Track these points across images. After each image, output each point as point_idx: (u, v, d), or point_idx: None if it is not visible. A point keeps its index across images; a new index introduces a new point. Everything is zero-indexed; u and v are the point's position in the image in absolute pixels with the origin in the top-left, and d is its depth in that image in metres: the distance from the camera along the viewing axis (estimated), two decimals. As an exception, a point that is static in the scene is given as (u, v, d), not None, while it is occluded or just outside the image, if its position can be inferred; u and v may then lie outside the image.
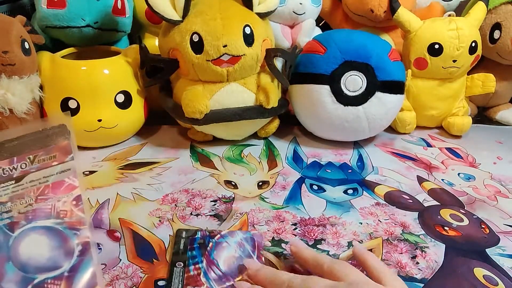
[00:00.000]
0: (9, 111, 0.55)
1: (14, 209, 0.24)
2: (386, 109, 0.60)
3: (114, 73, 0.59)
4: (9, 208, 0.23)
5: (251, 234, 0.44)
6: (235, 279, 0.37)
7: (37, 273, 0.23)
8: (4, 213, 0.23)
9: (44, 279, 0.23)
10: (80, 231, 0.26)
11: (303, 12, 0.68)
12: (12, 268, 0.23)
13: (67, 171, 0.25)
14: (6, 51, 0.52)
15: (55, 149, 0.25)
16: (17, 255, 0.23)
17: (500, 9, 0.68)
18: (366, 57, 0.58)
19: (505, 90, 0.74)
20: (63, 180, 0.25)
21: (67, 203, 0.25)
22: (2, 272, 0.22)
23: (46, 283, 0.23)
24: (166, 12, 0.55)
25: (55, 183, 0.25)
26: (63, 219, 0.25)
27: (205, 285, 0.37)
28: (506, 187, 0.55)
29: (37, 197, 0.24)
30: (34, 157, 0.24)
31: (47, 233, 0.25)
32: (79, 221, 0.26)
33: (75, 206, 0.25)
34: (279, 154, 0.62)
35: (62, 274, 0.23)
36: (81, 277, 0.24)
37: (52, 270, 0.23)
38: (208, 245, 0.41)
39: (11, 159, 0.24)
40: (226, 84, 0.58)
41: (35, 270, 0.23)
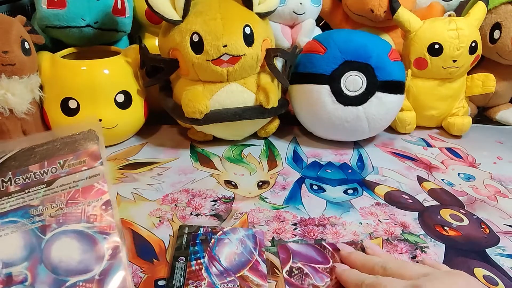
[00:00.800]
0: (9, 111, 0.55)
1: (45, 212, 0.24)
2: (386, 109, 0.60)
3: (114, 73, 0.59)
4: (40, 212, 0.24)
5: (253, 231, 0.44)
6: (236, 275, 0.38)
7: (68, 276, 0.24)
8: (36, 216, 0.24)
9: (75, 282, 0.24)
10: (110, 235, 0.26)
11: (303, 12, 0.68)
12: (45, 270, 0.23)
13: (96, 176, 0.26)
14: (6, 51, 0.52)
15: (84, 154, 0.26)
16: (49, 257, 0.24)
17: (500, 9, 0.68)
18: (366, 57, 0.58)
19: (505, 90, 0.74)
20: (93, 185, 0.26)
21: (96, 207, 0.25)
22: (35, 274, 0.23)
23: (78, 286, 0.24)
24: (166, 12, 0.55)
25: (84, 187, 0.25)
26: (93, 223, 0.26)
27: (206, 280, 0.37)
28: (506, 187, 0.55)
29: (68, 201, 0.25)
30: (64, 161, 0.25)
31: (78, 237, 0.25)
32: (109, 226, 0.26)
33: (104, 211, 0.25)
34: (279, 154, 0.62)
35: (93, 278, 0.24)
36: (111, 280, 0.24)
37: (83, 273, 0.24)
38: (210, 241, 0.42)
39: (42, 163, 0.25)
40: (226, 84, 0.58)
41: (67, 272, 0.24)
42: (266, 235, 0.44)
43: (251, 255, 0.41)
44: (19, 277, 0.23)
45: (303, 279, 0.39)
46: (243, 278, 0.38)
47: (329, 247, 0.43)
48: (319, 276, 0.39)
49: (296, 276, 0.39)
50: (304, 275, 0.39)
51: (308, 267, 0.40)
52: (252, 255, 0.41)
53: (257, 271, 0.39)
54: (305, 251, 0.42)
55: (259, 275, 0.38)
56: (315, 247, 0.43)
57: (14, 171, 0.25)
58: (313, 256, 0.42)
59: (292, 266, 0.40)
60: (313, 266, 0.40)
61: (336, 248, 0.42)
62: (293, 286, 0.38)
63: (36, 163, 0.25)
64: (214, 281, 0.37)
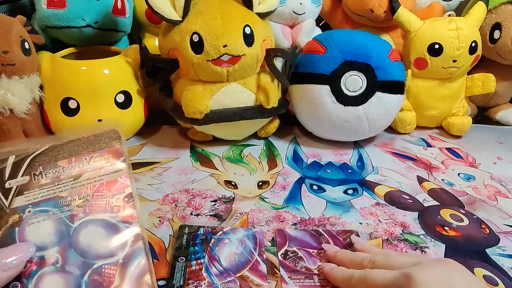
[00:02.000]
0: (9, 111, 0.55)
1: (73, 203, 0.27)
2: (386, 109, 0.60)
3: (114, 73, 0.59)
4: (69, 202, 0.27)
5: (253, 231, 0.44)
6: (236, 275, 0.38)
7: (95, 259, 0.26)
8: (65, 206, 0.27)
9: (101, 265, 0.26)
10: (132, 224, 0.28)
11: (303, 12, 0.68)
12: (74, 254, 0.26)
13: (119, 172, 0.29)
14: (6, 51, 0.52)
15: (108, 152, 0.29)
16: (77, 243, 0.26)
17: (500, 9, 0.68)
18: (366, 57, 0.58)
19: (505, 90, 0.74)
20: (116, 179, 0.28)
21: (119, 199, 0.28)
22: (65, 257, 0.26)
23: (104, 268, 0.26)
24: (166, 12, 0.55)
25: (108, 181, 0.28)
26: (116, 214, 0.28)
27: (206, 280, 0.37)
28: (506, 187, 0.55)
29: (93, 193, 0.28)
30: (90, 158, 0.28)
31: (103, 225, 0.28)
32: (131, 216, 0.29)
33: (126, 203, 0.28)
34: (279, 154, 0.62)
35: (117, 261, 0.26)
36: (133, 264, 0.27)
37: (108, 257, 0.27)
38: (210, 241, 0.42)
39: (70, 159, 0.28)
40: (226, 84, 0.58)
41: (94, 256, 0.26)
42: (266, 235, 0.44)
43: (251, 255, 0.41)
44: (51, 259, 0.26)
45: (296, 261, 0.40)
46: (243, 278, 0.38)
47: (325, 233, 0.44)
48: (312, 259, 0.40)
49: (290, 259, 0.40)
50: (298, 258, 0.40)
51: (303, 251, 0.41)
52: (252, 255, 0.41)
53: (257, 271, 0.39)
54: (301, 236, 0.44)
55: (259, 275, 0.38)
56: (312, 233, 0.44)
57: (45, 166, 0.28)
58: (308, 241, 0.43)
59: (287, 249, 0.42)
60: (307, 250, 0.42)
61: (332, 235, 0.44)
62: (286, 267, 0.39)
63: (65, 159, 0.28)
64: (214, 281, 0.37)
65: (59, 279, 0.25)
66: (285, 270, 0.39)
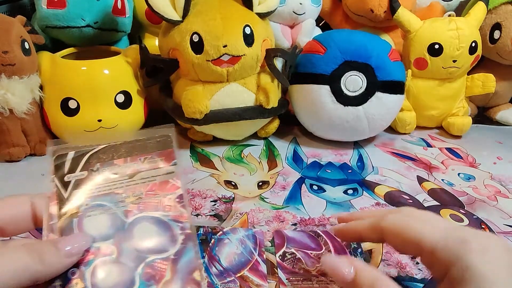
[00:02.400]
0: (9, 111, 0.55)
1: (127, 200, 0.28)
2: (386, 109, 0.60)
3: (114, 73, 0.59)
4: (123, 199, 0.28)
5: (253, 231, 0.44)
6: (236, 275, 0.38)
7: (148, 254, 0.28)
8: (120, 202, 0.28)
9: (154, 259, 0.27)
10: (183, 223, 0.29)
11: (303, 12, 0.68)
12: (128, 247, 0.27)
13: (171, 173, 0.30)
14: (6, 51, 0.52)
15: (161, 155, 0.30)
16: (132, 237, 0.28)
17: (500, 9, 0.68)
18: (366, 57, 0.58)
19: (505, 90, 0.74)
20: (168, 181, 0.30)
21: (171, 199, 0.29)
22: (120, 250, 0.27)
23: (156, 262, 0.27)
24: (166, 12, 0.55)
25: (161, 182, 0.30)
26: (168, 213, 0.30)
27: (206, 280, 0.37)
28: (506, 187, 0.55)
29: (146, 192, 0.29)
30: (145, 159, 0.30)
31: (156, 222, 0.29)
32: (182, 215, 0.30)
33: (178, 203, 0.29)
34: (279, 154, 0.62)
35: (169, 257, 0.28)
36: (183, 261, 0.28)
37: (161, 252, 0.28)
38: (210, 241, 0.42)
39: (126, 159, 0.30)
40: (226, 84, 0.58)
41: (147, 251, 0.28)
42: (266, 235, 0.44)
43: (251, 255, 0.41)
44: (107, 250, 0.27)
45: (295, 263, 0.40)
46: (243, 278, 0.38)
47: (323, 235, 0.44)
48: (311, 261, 0.40)
49: (289, 260, 0.40)
50: (296, 260, 0.40)
51: (301, 253, 0.41)
52: (252, 255, 0.41)
53: (257, 271, 0.39)
54: (300, 237, 0.43)
55: (259, 275, 0.38)
56: (310, 234, 0.44)
57: (102, 163, 0.29)
58: (306, 243, 0.43)
59: (285, 251, 0.41)
60: (306, 251, 0.41)
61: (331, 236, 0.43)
62: (284, 269, 0.39)
63: (121, 158, 0.30)
64: (214, 281, 0.37)
65: (114, 269, 0.27)
66: (283, 271, 0.39)
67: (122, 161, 0.30)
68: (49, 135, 0.61)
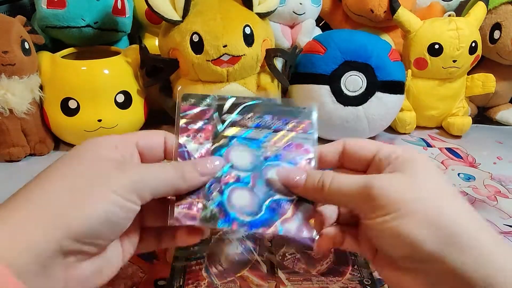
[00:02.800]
0: (9, 111, 0.55)
1: (268, 147, 0.34)
2: (386, 109, 0.60)
3: (114, 73, 0.59)
4: (265, 146, 0.34)
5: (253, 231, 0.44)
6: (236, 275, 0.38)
7: (276, 193, 0.32)
8: (262, 147, 0.34)
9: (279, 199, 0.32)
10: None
11: (303, 12, 0.68)
12: (261, 183, 0.33)
13: (307, 140, 0.35)
14: (6, 51, 0.52)
15: (303, 123, 0.36)
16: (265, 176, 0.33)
17: (500, 9, 0.68)
18: (366, 57, 0.58)
19: (505, 90, 0.74)
20: (302, 144, 0.35)
21: (302, 160, 0.34)
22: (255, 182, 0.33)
23: (281, 202, 0.32)
24: (166, 12, 0.55)
25: (297, 144, 0.35)
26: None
27: (206, 279, 0.37)
28: (506, 187, 0.55)
29: (284, 147, 0.35)
30: (289, 122, 0.35)
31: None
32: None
33: (308, 164, 0.34)
34: (279, 154, 0.62)
35: (292, 200, 0.32)
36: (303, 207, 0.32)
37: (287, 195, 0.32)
38: (210, 241, 0.42)
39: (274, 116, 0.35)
40: (226, 84, 0.58)
41: (276, 190, 0.32)
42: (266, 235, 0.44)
43: (251, 255, 0.41)
44: (245, 180, 0.33)
45: (295, 263, 0.40)
46: (243, 278, 0.38)
47: None
48: (311, 261, 0.40)
49: (289, 261, 0.40)
50: (296, 260, 0.40)
51: (301, 253, 0.41)
52: (252, 255, 0.41)
53: (257, 271, 0.39)
54: None
55: (259, 275, 0.38)
56: None
57: (255, 114, 0.35)
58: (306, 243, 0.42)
59: (285, 251, 0.41)
60: (306, 251, 0.41)
61: None
62: (284, 269, 0.39)
63: (270, 115, 0.35)
64: (214, 281, 0.37)
65: (248, 195, 0.32)
66: (283, 272, 0.39)
67: (271, 118, 0.36)
68: (49, 135, 0.61)
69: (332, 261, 0.40)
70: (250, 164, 0.34)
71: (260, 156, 0.34)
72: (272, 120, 0.36)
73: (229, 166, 0.33)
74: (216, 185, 0.32)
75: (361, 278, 0.38)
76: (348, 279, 0.38)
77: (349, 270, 0.39)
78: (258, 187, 0.33)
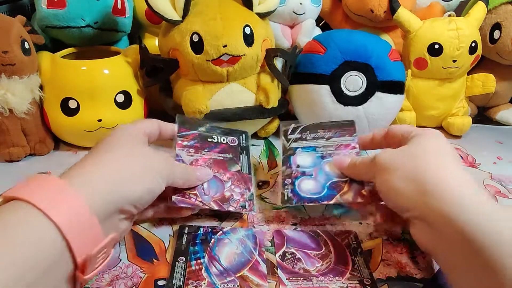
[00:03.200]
0: (9, 111, 0.55)
1: (324, 150, 0.49)
2: (386, 109, 0.60)
3: (114, 73, 0.59)
4: (321, 149, 0.49)
5: (253, 231, 0.44)
6: (236, 275, 0.38)
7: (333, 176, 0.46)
8: (319, 151, 0.48)
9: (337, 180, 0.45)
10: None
11: (303, 12, 0.68)
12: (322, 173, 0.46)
13: (353, 141, 0.49)
14: (6, 51, 0.52)
15: (346, 130, 0.50)
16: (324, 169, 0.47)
17: (500, 9, 0.67)
18: (366, 57, 0.58)
19: (505, 90, 0.74)
20: (350, 143, 0.48)
21: (352, 152, 0.47)
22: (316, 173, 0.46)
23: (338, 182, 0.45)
24: (166, 12, 0.55)
25: (346, 144, 0.49)
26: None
27: (206, 280, 0.37)
28: (506, 187, 0.55)
29: (336, 148, 0.48)
30: (336, 131, 0.50)
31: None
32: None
33: (356, 154, 0.47)
34: (279, 154, 0.62)
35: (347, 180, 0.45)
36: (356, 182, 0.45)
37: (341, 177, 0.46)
38: (210, 241, 0.42)
39: (325, 130, 0.51)
40: (226, 84, 0.58)
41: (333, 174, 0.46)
42: (266, 235, 0.44)
43: (251, 255, 0.41)
44: (309, 173, 0.46)
45: (294, 263, 0.40)
46: (243, 278, 0.38)
47: (323, 235, 0.44)
48: (311, 261, 0.40)
49: (289, 260, 0.40)
50: (296, 260, 0.40)
51: (301, 252, 0.41)
52: (252, 255, 0.41)
53: (257, 271, 0.39)
54: (300, 237, 0.44)
55: (259, 275, 0.38)
56: (310, 234, 0.44)
57: (310, 131, 0.51)
58: (306, 243, 0.43)
59: (285, 251, 0.42)
60: (306, 251, 0.41)
61: (331, 236, 0.44)
62: (284, 269, 0.39)
63: (322, 129, 0.51)
64: (214, 281, 0.37)
65: (312, 182, 0.45)
66: (283, 271, 0.39)
67: (322, 132, 0.51)
68: (49, 135, 0.61)
69: (332, 261, 0.40)
70: (312, 163, 0.48)
71: (318, 157, 0.48)
72: (324, 132, 0.51)
73: (296, 167, 0.47)
74: (288, 179, 0.46)
75: (361, 278, 0.39)
76: (348, 279, 0.38)
77: (349, 270, 0.39)
78: (319, 176, 0.46)
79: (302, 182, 0.46)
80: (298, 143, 0.50)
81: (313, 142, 0.50)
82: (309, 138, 0.50)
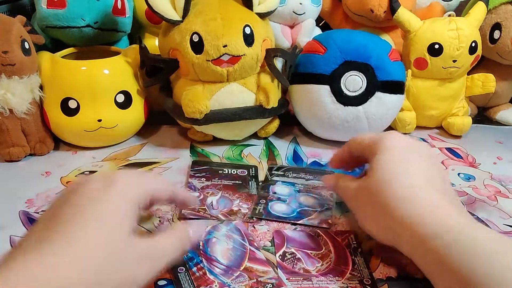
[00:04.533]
0: (9, 111, 0.55)
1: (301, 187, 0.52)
2: (386, 109, 0.60)
3: (114, 73, 0.59)
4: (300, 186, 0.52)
5: (234, 224, 0.44)
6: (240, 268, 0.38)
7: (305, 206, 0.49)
8: (297, 187, 0.52)
9: (307, 208, 0.48)
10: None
11: (303, 12, 0.68)
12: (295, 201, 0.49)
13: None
14: (6, 51, 0.52)
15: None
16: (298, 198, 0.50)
17: (500, 9, 0.67)
18: (366, 57, 0.58)
19: (505, 90, 0.74)
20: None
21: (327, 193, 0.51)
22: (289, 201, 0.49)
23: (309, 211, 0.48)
24: (166, 12, 0.55)
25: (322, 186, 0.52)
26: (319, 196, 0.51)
27: (215, 281, 0.37)
28: (506, 187, 0.55)
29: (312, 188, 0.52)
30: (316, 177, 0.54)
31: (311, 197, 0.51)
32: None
33: (330, 196, 0.51)
34: (279, 154, 0.62)
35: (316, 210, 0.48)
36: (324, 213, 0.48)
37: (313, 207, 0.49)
38: (199, 244, 0.41)
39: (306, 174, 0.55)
40: (226, 84, 0.58)
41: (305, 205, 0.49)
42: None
43: (244, 247, 0.41)
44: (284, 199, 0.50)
45: (294, 263, 0.40)
46: (247, 270, 0.38)
47: (323, 234, 0.44)
48: (311, 261, 0.40)
49: (289, 260, 0.40)
50: (296, 260, 0.40)
51: (301, 252, 0.41)
52: (244, 247, 0.41)
53: (256, 260, 0.39)
54: (300, 237, 0.43)
55: (260, 262, 0.39)
56: (310, 234, 0.44)
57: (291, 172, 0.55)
58: (306, 243, 0.43)
59: (285, 251, 0.41)
60: (306, 251, 0.41)
61: (331, 236, 0.44)
62: (284, 269, 0.39)
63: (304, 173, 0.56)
64: (224, 281, 0.37)
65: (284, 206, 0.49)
66: (283, 271, 0.39)
67: (304, 173, 0.55)
68: (49, 135, 0.61)
69: (332, 261, 0.40)
70: (287, 194, 0.51)
71: (296, 190, 0.51)
72: (306, 175, 0.54)
73: (272, 193, 0.50)
74: (263, 200, 0.49)
75: (361, 278, 0.39)
76: (348, 279, 0.38)
77: (349, 270, 0.39)
78: (292, 203, 0.49)
79: (275, 204, 0.48)
80: (280, 178, 0.54)
81: (293, 180, 0.53)
82: (290, 176, 0.54)
